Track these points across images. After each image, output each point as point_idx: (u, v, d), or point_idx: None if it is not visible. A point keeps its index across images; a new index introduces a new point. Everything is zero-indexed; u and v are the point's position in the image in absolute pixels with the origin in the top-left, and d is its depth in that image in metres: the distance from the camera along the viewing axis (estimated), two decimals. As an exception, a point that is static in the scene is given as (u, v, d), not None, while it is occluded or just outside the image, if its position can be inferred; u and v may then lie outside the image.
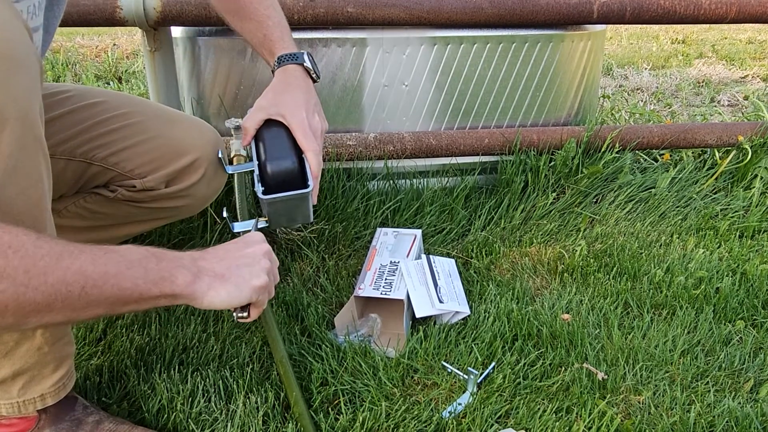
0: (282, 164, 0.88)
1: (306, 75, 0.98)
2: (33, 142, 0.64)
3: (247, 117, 0.94)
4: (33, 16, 0.76)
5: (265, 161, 0.88)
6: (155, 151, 1.00)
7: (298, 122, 0.91)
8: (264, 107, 0.93)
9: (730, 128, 1.79)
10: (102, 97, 1.01)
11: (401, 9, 1.46)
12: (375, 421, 0.91)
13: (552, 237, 1.50)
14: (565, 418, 0.93)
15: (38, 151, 0.65)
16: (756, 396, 1.00)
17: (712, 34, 5.11)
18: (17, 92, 0.61)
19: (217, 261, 0.71)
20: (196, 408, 0.93)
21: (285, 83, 0.96)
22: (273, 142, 0.90)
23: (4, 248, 0.54)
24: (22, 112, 0.61)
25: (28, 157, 0.63)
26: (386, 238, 1.34)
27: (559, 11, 1.54)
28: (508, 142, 1.60)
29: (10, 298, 0.54)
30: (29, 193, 0.65)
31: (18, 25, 0.62)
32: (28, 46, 0.63)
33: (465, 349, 1.06)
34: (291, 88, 0.95)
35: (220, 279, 0.69)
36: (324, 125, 0.97)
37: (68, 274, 0.57)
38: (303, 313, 1.17)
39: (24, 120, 0.62)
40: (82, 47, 3.73)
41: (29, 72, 0.63)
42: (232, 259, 0.72)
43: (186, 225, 1.36)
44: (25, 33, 0.63)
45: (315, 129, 0.93)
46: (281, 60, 0.98)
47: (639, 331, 1.14)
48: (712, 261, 1.38)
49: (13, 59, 0.60)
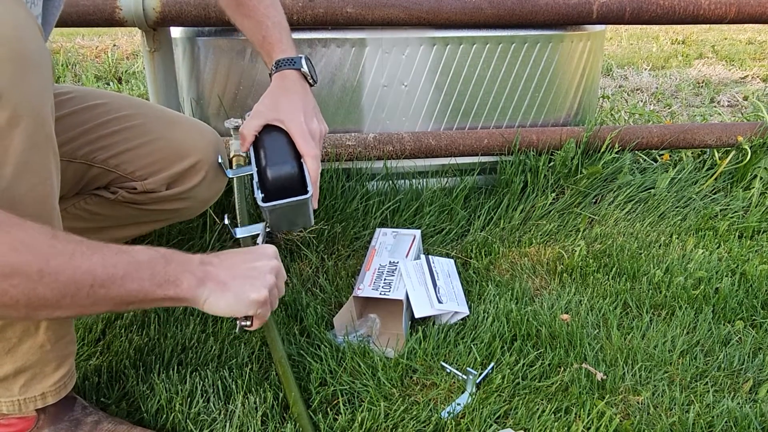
0: (282, 170, 0.88)
1: (303, 79, 0.98)
2: (44, 140, 0.66)
3: (245, 123, 0.95)
4: (32, 5, 0.76)
5: (264, 167, 0.88)
6: (156, 154, 1.00)
7: (297, 127, 0.91)
8: (262, 113, 0.93)
9: (729, 129, 1.79)
10: (103, 99, 1.01)
11: (400, 9, 1.46)
12: (374, 421, 0.91)
13: (551, 237, 1.50)
14: (564, 419, 0.93)
15: (49, 148, 0.67)
16: (755, 396, 1.00)
17: (712, 34, 5.11)
18: (31, 91, 0.62)
19: (224, 269, 0.72)
20: (194, 408, 0.93)
21: (282, 88, 0.96)
22: (272, 148, 0.90)
23: (18, 244, 0.55)
24: (35, 111, 0.63)
25: (39, 155, 0.65)
26: (385, 238, 1.34)
27: (559, 11, 1.54)
28: (508, 142, 1.60)
29: (22, 294, 0.55)
30: (39, 190, 0.67)
31: (31, 25, 0.63)
32: (41, 46, 0.64)
33: (464, 350, 1.06)
34: (289, 93, 0.95)
35: (222, 288, 0.70)
36: (324, 128, 0.97)
37: (78, 273, 0.58)
38: (302, 314, 1.17)
39: (36, 118, 0.63)
40: (82, 48, 3.73)
41: (42, 71, 0.64)
42: (239, 270, 0.73)
43: (185, 225, 1.36)
44: (37, 32, 0.64)
45: (314, 133, 0.93)
46: (279, 64, 0.98)
47: (638, 332, 1.14)
48: (712, 261, 1.38)
49: (27, 58, 0.61)
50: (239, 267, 0.73)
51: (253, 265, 0.74)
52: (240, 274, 0.72)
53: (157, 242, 1.33)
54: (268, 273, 0.75)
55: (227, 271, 0.72)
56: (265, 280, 0.74)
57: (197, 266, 0.69)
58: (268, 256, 0.77)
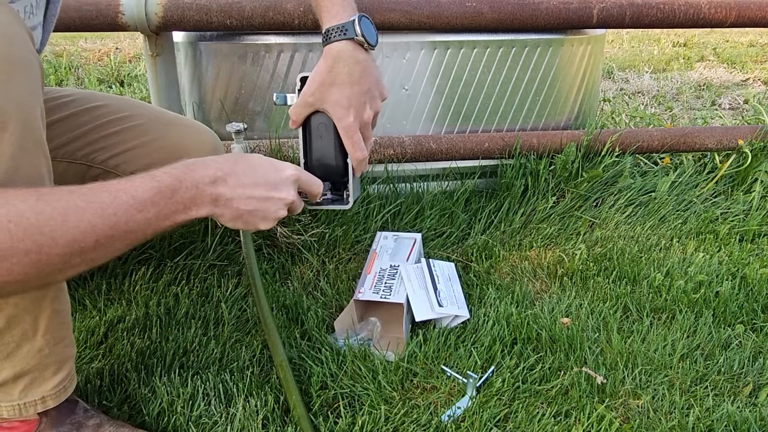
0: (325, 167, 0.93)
1: (356, 49, 0.87)
2: (34, 144, 0.65)
3: (293, 107, 0.91)
4: (31, 15, 0.77)
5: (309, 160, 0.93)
6: (154, 154, 1.01)
7: (345, 128, 0.88)
8: (311, 104, 0.89)
9: (730, 132, 1.79)
10: (102, 100, 1.02)
11: (401, 13, 1.46)
12: (374, 424, 0.91)
13: (552, 241, 1.50)
14: (564, 422, 0.93)
15: (39, 153, 0.66)
16: (755, 400, 1.00)
17: (713, 37, 5.11)
18: (18, 95, 0.61)
19: (238, 193, 0.70)
20: (196, 411, 0.93)
21: (331, 73, 0.87)
22: (318, 145, 0.92)
23: (5, 223, 0.53)
24: (22, 115, 0.62)
25: (28, 159, 0.64)
26: (386, 241, 1.34)
27: (559, 16, 1.55)
28: (508, 145, 1.61)
29: (28, 268, 0.55)
30: None
31: (18, 29, 0.63)
32: (29, 49, 0.64)
33: (464, 353, 1.06)
34: (338, 81, 0.87)
35: (233, 214, 0.71)
36: (377, 107, 0.92)
37: (77, 233, 0.57)
38: (303, 317, 1.17)
39: (25, 122, 0.62)
40: (85, 51, 3.75)
41: (30, 74, 0.63)
42: (253, 198, 0.72)
43: (187, 229, 1.37)
44: (25, 35, 0.64)
45: (365, 125, 0.90)
46: (329, 35, 0.87)
47: (638, 335, 1.14)
48: (712, 265, 1.38)
49: (14, 62, 0.61)
50: (253, 193, 0.72)
51: (268, 195, 0.73)
52: (252, 204, 0.72)
53: (158, 245, 1.34)
54: (280, 209, 0.75)
55: (240, 198, 0.71)
56: (276, 214, 0.74)
57: (208, 186, 0.68)
58: (286, 186, 0.76)
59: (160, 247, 1.34)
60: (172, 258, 1.33)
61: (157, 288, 1.24)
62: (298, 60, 1.49)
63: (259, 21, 1.40)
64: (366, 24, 0.87)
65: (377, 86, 0.91)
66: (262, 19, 1.39)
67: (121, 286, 1.25)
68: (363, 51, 0.88)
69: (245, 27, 1.41)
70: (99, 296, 1.22)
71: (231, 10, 1.38)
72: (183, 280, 1.28)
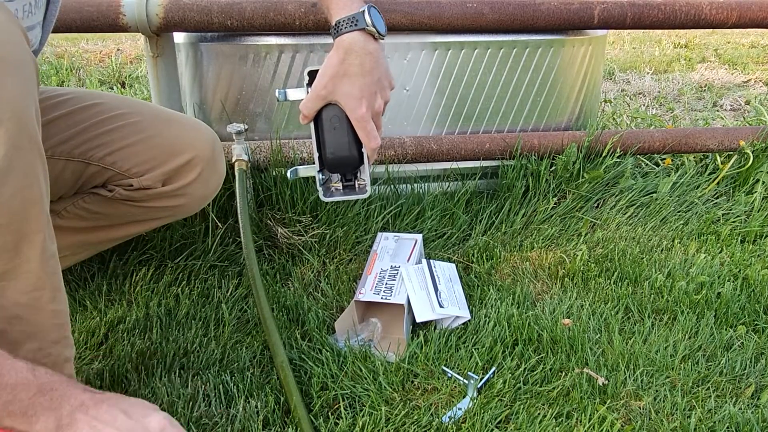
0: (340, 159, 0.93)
1: (367, 40, 0.87)
2: (28, 143, 0.64)
3: (305, 102, 0.90)
4: (29, 14, 0.77)
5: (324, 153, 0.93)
6: (152, 150, 1.01)
7: (358, 119, 0.88)
8: (323, 97, 0.88)
9: (731, 133, 1.79)
10: (99, 99, 1.02)
11: (402, 14, 1.46)
12: (375, 425, 0.91)
13: (553, 242, 1.50)
14: (565, 423, 0.93)
15: (34, 152, 0.66)
16: (757, 402, 0.99)
17: (714, 38, 5.11)
18: (11, 94, 0.61)
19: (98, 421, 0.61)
20: (196, 412, 0.93)
21: (343, 65, 0.87)
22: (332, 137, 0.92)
23: None
24: (16, 114, 0.62)
25: (23, 158, 0.64)
26: (387, 242, 1.34)
27: (560, 16, 1.54)
28: (509, 146, 1.61)
29: None
30: (25, 194, 0.65)
31: (11, 28, 0.62)
32: (23, 48, 0.63)
33: (465, 354, 1.06)
34: (350, 72, 0.87)
35: None
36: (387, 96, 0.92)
37: None
38: (303, 318, 1.17)
39: (18, 121, 0.62)
40: (87, 52, 3.75)
41: (23, 73, 0.63)
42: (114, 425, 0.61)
43: (188, 230, 1.37)
44: (19, 34, 0.63)
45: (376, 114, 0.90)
46: (339, 27, 0.87)
47: (640, 336, 1.14)
48: (714, 266, 1.38)
49: (6, 62, 0.61)
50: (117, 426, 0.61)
51: None
52: None
53: (159, 245, 1.34)
54: None
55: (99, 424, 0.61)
56: None
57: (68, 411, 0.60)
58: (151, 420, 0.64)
59: (160, 248, 1.34)
60: (172, 259, 1.33)
61: (158, 289, 1.24)
62: (299, 61, 1.49)
63: (260, 22, 1.40)
64: (375, 13, 0.88)
65: (387, 76, 0.92)
66: (263, 20, 1.40)
67: (122, 287, 1.25)
68: (373, 41, 0.88)
69: (246, 28, 1.41)
70: (99, 297, 1.22)
71: (232, 11, 1.38)
72: (184, 281, 1.28)
